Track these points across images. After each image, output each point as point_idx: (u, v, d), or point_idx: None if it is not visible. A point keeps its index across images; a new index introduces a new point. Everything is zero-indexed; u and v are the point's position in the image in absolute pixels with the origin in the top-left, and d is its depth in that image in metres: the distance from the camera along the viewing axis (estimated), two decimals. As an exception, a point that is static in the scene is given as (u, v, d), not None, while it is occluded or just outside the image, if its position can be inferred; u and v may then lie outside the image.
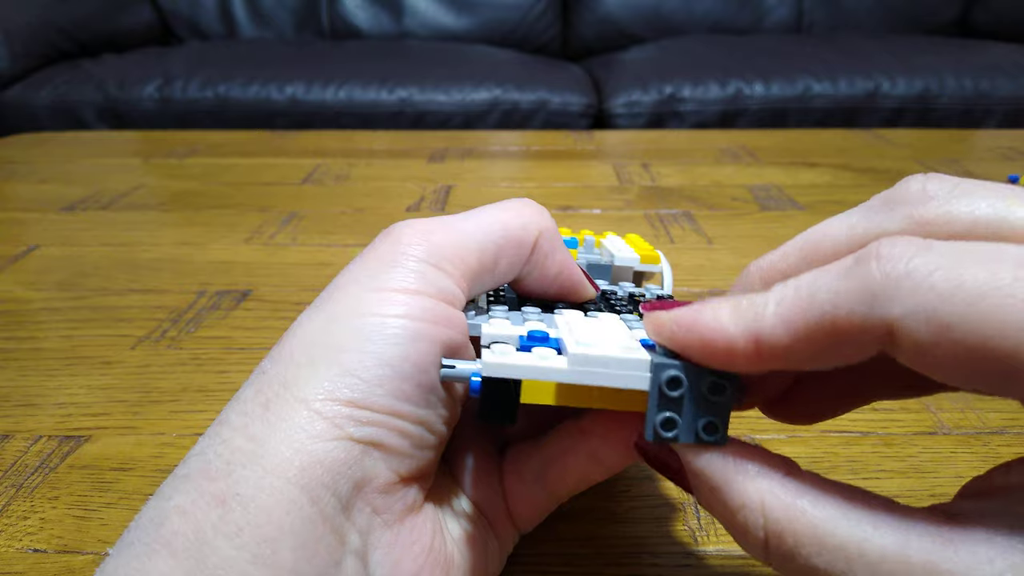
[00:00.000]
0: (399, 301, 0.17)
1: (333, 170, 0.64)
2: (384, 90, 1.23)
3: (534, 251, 0.20)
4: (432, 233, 0.19)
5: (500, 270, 0.20)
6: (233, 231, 0.50)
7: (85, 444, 0.28)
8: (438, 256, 0.18)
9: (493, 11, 1.62)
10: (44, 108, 1.21)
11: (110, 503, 0.25)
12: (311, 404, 0.16)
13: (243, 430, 0.16)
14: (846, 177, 0.61)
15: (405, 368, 0.17)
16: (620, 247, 0.27)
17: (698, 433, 0.16)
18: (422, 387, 0.17)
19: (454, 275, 0.18)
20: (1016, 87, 1.21)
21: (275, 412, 0.16)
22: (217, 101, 1.21)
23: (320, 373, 0.16)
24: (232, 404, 0.17)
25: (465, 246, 0.19)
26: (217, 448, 0.16)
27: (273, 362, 0.17)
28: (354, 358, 0.16)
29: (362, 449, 0.16)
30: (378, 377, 0.16)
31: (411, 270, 0.18)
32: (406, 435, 0.17)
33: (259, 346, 0.35)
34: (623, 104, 1.22)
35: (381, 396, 0.16)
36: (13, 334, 0.36)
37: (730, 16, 1.61)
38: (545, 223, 0.20)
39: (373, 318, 0.17)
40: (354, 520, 0.16)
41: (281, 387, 0.16)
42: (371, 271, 0.18)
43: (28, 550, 0.23)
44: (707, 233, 0.49)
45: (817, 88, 1.21)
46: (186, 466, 0.16)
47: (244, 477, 0.15)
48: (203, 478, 0.15)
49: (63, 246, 0.47)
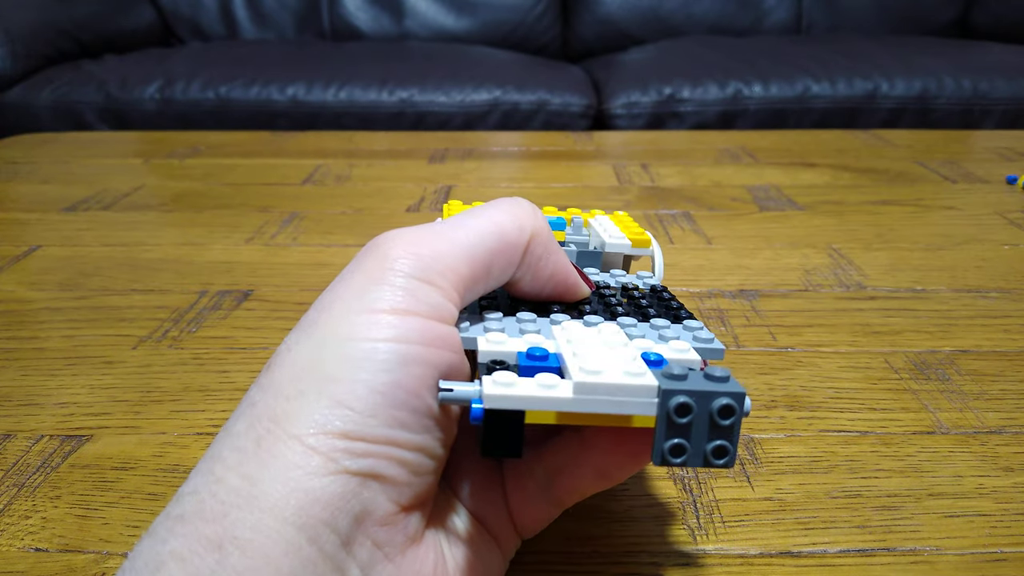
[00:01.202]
0: (389, 323, 0.16)
1: (334, 171, 0.64)
2: (385, 91, 1.23)
3: (526, 254, 0.19)
4: (420, 245, 0.18)
5: (493, 276, 0.19)
6: (234, 231, 0.50)
7: (87, 443, 0.28)
8: (428, 270, 0.17)
9: (493, 12, 1.62)
10: (45, 109, 1.22)
11: (111, 502, 0.25)
12: (304, 439, 0.15)
13: (237, 468, 0.15)
14: (845, 177, 0.61)
15: (398, 395, 0.16)
16: (610, 229, 0.26)
17: (707, 457, 0.15)
18: (417, 413, 0.16)
19: (445, 289, 0.18)
20: (1015, 88, 1.21)
21: (267, 449, 0.15)
22: (218, 102, 1.21)
23: (310, 406, 0.16)
24: (223, 438, 0.16)
25: (456, 256, 0.18)
26: (211, 487, 0.15)
27: (262, 392, 0.17)
28: (345, 388, 0.16)
29: (359, 482, 0.15)
30: (371, 407, 0.16)
31: (400, 288, 0.17)
32: (404, 463, 0.16)
33: (260, 346, 0.35)
34: (623, 105, 1.22)
35: (375, 426, 0.16)
36: (15, 334, 0.36)
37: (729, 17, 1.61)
38: (538, 224, 0.20)
39: (363, 343, 0.16)
40: (355, 555, 0.15)
41: (272, 422, 0.16)
42: (358, 290, 0.17)
43: (30, 549, 0.23)
44: (706, 233, 0.49)
45: (816, 89, 1.21)
46: (180, 505, 0.15)
47: (240, 519, 0.14)
48: (199, 520, 0.15)
49: (65, 246, 0.47)
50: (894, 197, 0.56)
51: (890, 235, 0.49)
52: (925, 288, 0.41)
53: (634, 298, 0.23)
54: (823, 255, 0.45)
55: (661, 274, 0.26)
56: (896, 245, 0.47)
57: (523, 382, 0.16)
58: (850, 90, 1.21)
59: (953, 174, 0.61)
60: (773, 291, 0.41)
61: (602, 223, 0.27)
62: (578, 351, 0.17)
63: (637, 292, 0.23)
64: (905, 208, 0.54)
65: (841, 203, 0.55)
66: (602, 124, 1.25)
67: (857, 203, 0.55)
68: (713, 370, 0.16)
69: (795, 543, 0.23)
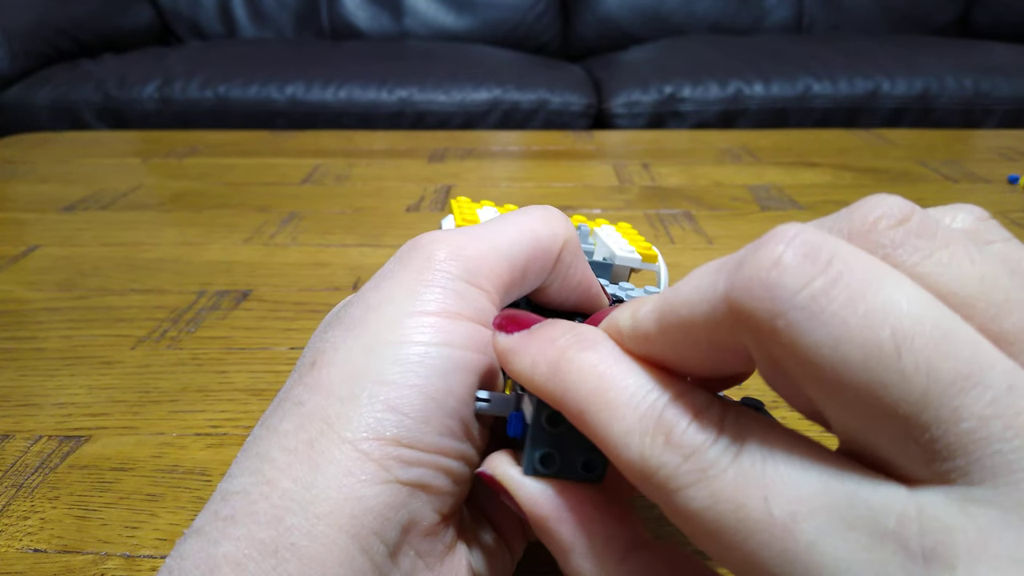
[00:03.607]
0: (441, 327, 0.16)
1: (333, 170, 0.64)
2: (384, 90, 1.23)
3: (559, 261, 0.19)
4: (465, 248, 0.18)
5: (528, 281, 0.19)
6: (233, 231, 0.50)
7: (85, 444, 0.28)
8: (474, 273, 0.17)
9: (493, 11, 1.62)
10: (44, 108, 1.21)
11: (110, 503, 0.25)
12: (358, 444, 0.15)
13: (288, 470, 0.15)
14: (846, 177, 0.61)
15: (449, 403, 0.16)
16: (618, 243, 0.26)
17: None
18: (463, 421, 0.16)
19: (489, 292, 0.18)
20: (1016, 87, 1.21)
21: (320, 452, 0.15)
22: (217, 101, 1.21)
23: (364, 409, 0.15)
24: (271, 437, 0.16)
25: (497, 260, 0.18)
26: (262, 488, 0.15)
27: (311, 392, 0.16)
28: (398, 393, 0.16)
29: (409, 492, 0.15)
30: (424, 414, 0.16)
31: (451, 291, 0.17)
32: (449, 472, 0.16)
33: (259, 346, 0.35)
34: (623, 104, 1.22)
35: (427, 434, 0.16)
36: (13, 334, 0.36)
37: (730, 16, 1.61)
38: (570, 232, 0.20)
39: (416, 347, 0.16)
40: (400, 565, 0.15)
41: (324, 424, 0.15)
42: (407, 290, 0.17)
43: (28, 550, 0.23)
44: (707, 233, 0.49)
45: (817, 88, 1.21)
46: (228, 505, 0.15)
47: (295, 525, 0.14)
48: (251, 523, 0.15)
49: (63, 246, 0.47)
50: (895, 196, 0.56)
51: (891, 235, 0.48)
52: (927, 288, 0.41)
53: None
54: (824, 255, 0.45)
55: (664, 284, 0.26)
56: (897, 245, 0.47)
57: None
58: (851, 89, 1.21)
59: (954, 174, 0.61)
60: (774, 291, 0.41)
61: (608, 234, 0.27)
62: None
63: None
64: (906, 207, 0.54)
65: (843, 203, 0.55)
66: (602, 123, 1.25)
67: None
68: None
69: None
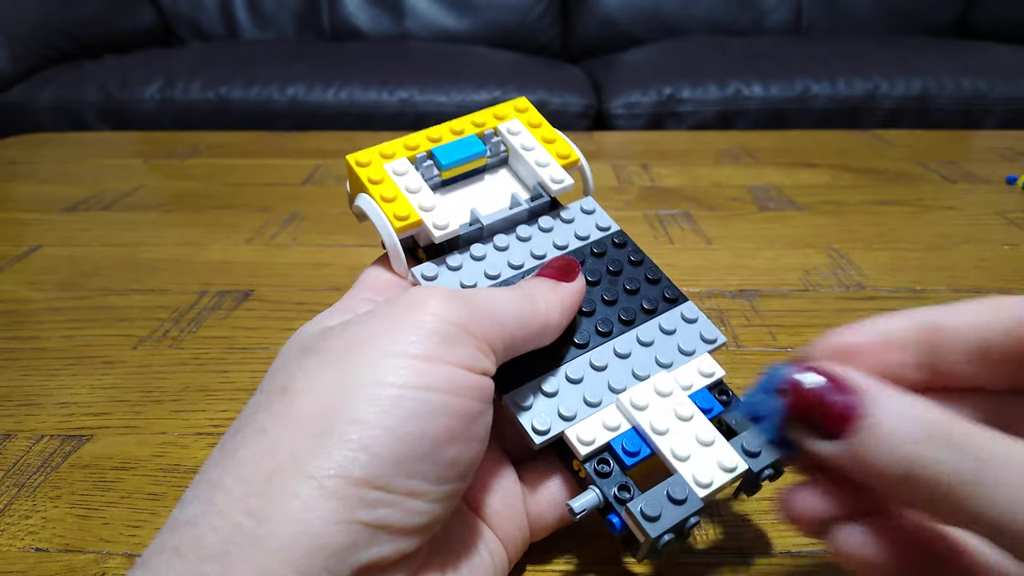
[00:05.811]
0: (420, 370, 0.16)
1: (334, 171, 0.64)
2: (385, 91, 1.23)
3: (547, 328, 0.20)
4: (457, 298, 0.18)
5: (516, 347, 0.20)
6: (234, 231, 0.50)
7: (87, 443, 0.28)
8: (464, 320, 0.18)
9: (493, 12, 1.62)
10: (45, 109, 1.21)
11: (111, 502, 0.25)
12: (323, 481, 0.15)
13: (242, 503, 0.15)
14: (845, 178, 0.61)
15: (423, 446, 0.16)
16: (538, 157, 0.25)
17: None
18: (439, 464, 0.16)
19: (478, 340, 0.18)
20: (1014, 88, 1.20)
21: (280, 487, 0.15)
22: (218, 102, 1.21)
23: (333, 447, 0.15)
24: (226, 464, 0.16)
25: (490, 314, 0.18)
26: (212, 520, 0.15)
27: (277, 421, 0.16)
28: (371, 433, 0.15)
29: (370, 533, 0.15)
30: (395, 455, 0.15)
31: (435, 334, 0.17)
32: (419, 514, 0.16)
33: (260, 346, 0.35)
34: (623, 105, 1.22)
35: (396, 476, 0.15)
36: (15, 334, 0.36)
37: (729, 17, 1.61)
38: (564, 308, 0.21)
39: (391, 389, 0.16)
40: None
41: (290, 457, 0.15)
42: (392, 332, 0.17)
43: (30, 549, 0.23)
44: (706, 233, 0.49)
45: (816, 89, 1.21)
46: (176, 536, 0.15)
47: (242, 558, 0.14)
48: (197, 557, 0.14)
49: (65, 246, 0.47)
50: (894, 197, 0.56)
51: (890, 235, 0.49)
52: (925, 288, 0.41)
53: (611, 272, 0.24)
54: (823, 255, 0.45)
55: (592, 187, 0.26)
56: (896, 245, 0.47)
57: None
58: (850, 90, 1.21)
59: (953, 174, 0.61)
60: (773, 291, 0.41)
61: (526, 144, 0.26)
62: (673, 445, 0.20)
63: (605, 256, 0.25)
64: (905, 208, 0.54)
65: (841, 203, 0.55)
66: (602, 124, 1.25)
67: (857, 203, 0.55)
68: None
69: (795, 543, 0.23)
